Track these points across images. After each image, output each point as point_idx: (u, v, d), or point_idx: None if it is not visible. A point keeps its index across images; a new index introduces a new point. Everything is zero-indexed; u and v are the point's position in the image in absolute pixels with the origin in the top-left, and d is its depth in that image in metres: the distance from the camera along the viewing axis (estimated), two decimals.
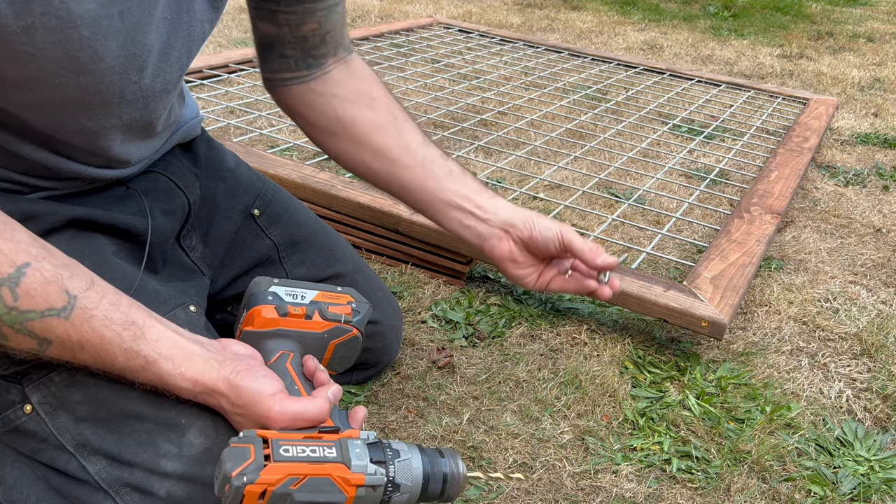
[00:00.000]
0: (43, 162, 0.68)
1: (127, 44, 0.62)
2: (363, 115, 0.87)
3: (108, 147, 0.71)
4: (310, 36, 0.84)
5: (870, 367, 1.20)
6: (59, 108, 0.65)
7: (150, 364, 0.62)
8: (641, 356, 1.17)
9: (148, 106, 0.71)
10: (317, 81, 0.87)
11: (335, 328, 0.77)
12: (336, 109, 0.87)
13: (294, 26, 0.83)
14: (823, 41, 3.83)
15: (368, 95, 0.88)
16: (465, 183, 0.86)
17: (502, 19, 3.77)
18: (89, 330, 0.60)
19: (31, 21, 0.54)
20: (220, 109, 2.03)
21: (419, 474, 0.65)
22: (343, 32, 0.88)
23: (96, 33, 0.59)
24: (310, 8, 0.82)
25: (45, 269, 0.59)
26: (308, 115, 0.89)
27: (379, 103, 0.88)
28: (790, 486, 0.94)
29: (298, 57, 0.85)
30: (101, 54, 0.60)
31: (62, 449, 0.65)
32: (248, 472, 0.56)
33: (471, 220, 0.86)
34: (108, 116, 0.68)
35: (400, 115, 0.88)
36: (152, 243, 0.78)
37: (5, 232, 0.58)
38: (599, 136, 2.10)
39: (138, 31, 0.62)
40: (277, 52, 0.86)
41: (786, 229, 1.67)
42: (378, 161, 0.87)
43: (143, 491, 0.63)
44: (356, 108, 0.87)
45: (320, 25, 0.84)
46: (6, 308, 0.57)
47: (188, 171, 0.87)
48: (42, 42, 0.56)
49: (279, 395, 0.63)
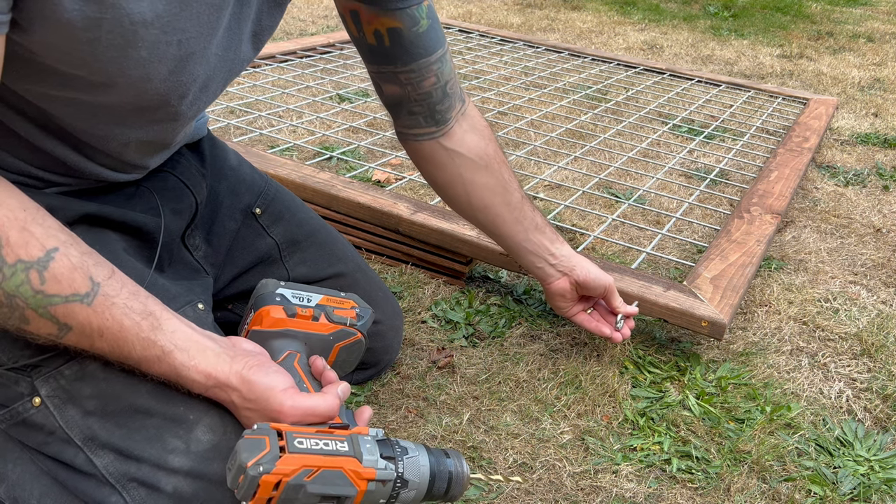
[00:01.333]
0: (63, 158, 0.69)
1: (177, 70, 0.63)
2: (480, 179, 0.99)
3: (123, 153, 0.73)
4: (432, 91, 0.91)
5: (870, 367, 1.20)
6: (93, 113, 0.66)
7: (166, 355, 0.63)
8: (641, 356, 1.17)
9: (175, 129, 0.74)
10: (445, 137, 0.96)
11: (340, 331, 0.78)
12: (459, 167, 0.98)
13: (416, 84, 0.90)
14: (823, 41, 3.83)
15: (485, 153, 0.99)
16: (545, 233, 1.05)
17: (502, 19, 3.77)
18: (110, 317, 0.61)
19: (98, 35, 0.56)
20: (220, 109, 2.03)
21: (426, 472, 0.65)
22: (457, 81, 0.95)
23: (152, 56, 0.60)
24: (424, 63, 0.88)
25: (72, 255, 0.60)
26: (435, 170, 1.00)
27: (492, 163, 0.99)
28: (790, 486, 0.94)
29: (426, 113, 0.93)
30: (152, 76, 0.62)
31: (70, 442, 0.65)
32: (263, 463, 0.57)
33: (542, 263, 1.05)
34: (136, 130, 0.70)
35: (506, 173, 1.01)
36: (162, 241, 0.79)
37: (37, 217, 0.60)
38: (599, 136, 2.10)
39: (190, 61, 0.64)
40: (406, 110, 0.93)
41: (786, 229, 1.67)
42: (482, 214, 1.03)
43: (149, 486, 0.64)
44: (476, 172, 0.99)
45: (438, 79, 0.91)
46: (33, 291, 0.58)
47: (196, 170, 0.88)
48: (102, 55, 0.57)
49: (291, 391, 0.64)
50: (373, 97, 2.29)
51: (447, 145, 0.96)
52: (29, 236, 0.58)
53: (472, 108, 0.99)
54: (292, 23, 3.27)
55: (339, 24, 3.31)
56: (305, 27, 3.23)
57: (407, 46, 0.86)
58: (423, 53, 0.87)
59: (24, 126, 0.66)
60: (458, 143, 0.97)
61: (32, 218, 0.59)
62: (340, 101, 2.24)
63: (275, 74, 2.40)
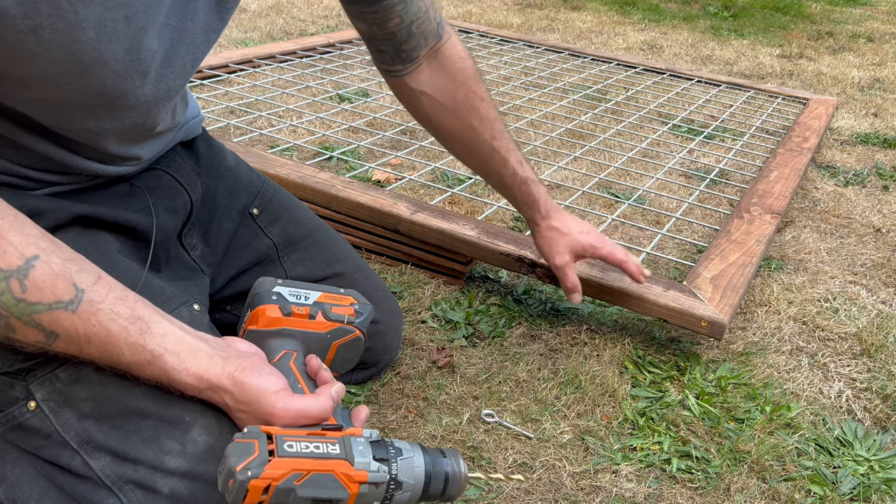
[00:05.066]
0: (48, 154, 0.69)
1: (131, 48, 0.62)
2: (446, 122, 1.01)
3: (106, 146, 0.72)
4: (396, 31, 0.92)
5: (870, 367, 1.20)
6: (62, 108, 0.65)
7: (156, 359, 0.62)
8: (641, 356, 1.17)
9: (150, 111, 0.72)
10: (410, 76, 0.97)
11: (338, 329, 0.77)
12: (424, 106, 1.00)
13: (381, 24, 0.91)
14: (823, 41, 3.83)
15: (452, 96, 0.99)
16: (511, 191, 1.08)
17: (502, 19, 3.77)
18: (96, 323, 0.60)
19: (39, 21, 0.55)
20: (220, 109, 2.03)
21: (421, 473, 0.65)
22: (428, 17, 0.95)
23: (101, 36, 0.59)
24: (387, 5, 0.88)
25: (53, 263, 0.59)
26: (407, 105, 1.03)
27: (459, 107, 1.00)
28: (790, 486, 0.94)
29: (393, 52, 0.94)
30: (106, 57, 0.61)
31: (66, 446, 0.65)
32: (252, 467, 0.57)
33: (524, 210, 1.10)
34: (110, 119, 0.69)
35: (474, 119, 1.01)
36: (156, 241, 0.78)
37: (16, 225, 0.59)
38: (599, 136, 2.10)
39: (143, 36, 0.63)
40: (375, 48, 0.95)
41: (786, 229, 1.67)
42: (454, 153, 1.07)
43: (146, 488, 0.63)
44: (441, 114, 1.00)
45: (402, 19, 0.91)
46: (14, 300, 0.58)
47: (190, 169, 0.87)
48: (48, 42, 0.56)
49: (283, 393, 0.63)
50: (373, 97, 2.29)
51: (412, 85, 0.98)
52: (7, 245, 0.58)
53: (452, 48, 0.99)
54: (292, 23, 3.27)
55: (340, 25, 3.31)
56: (305, 27, 3.23)
57: None
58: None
59: (2, 124, 0.65)
60: (424, 83, 0.98)
61: (10, 226, 0.59)
62: (340, 101, 2.24)
63: (275, 74, 2.40)
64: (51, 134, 0.68)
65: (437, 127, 1.02)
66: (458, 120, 1.00)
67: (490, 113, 1.02)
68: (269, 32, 3.05)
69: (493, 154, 1.04)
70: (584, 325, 1.23)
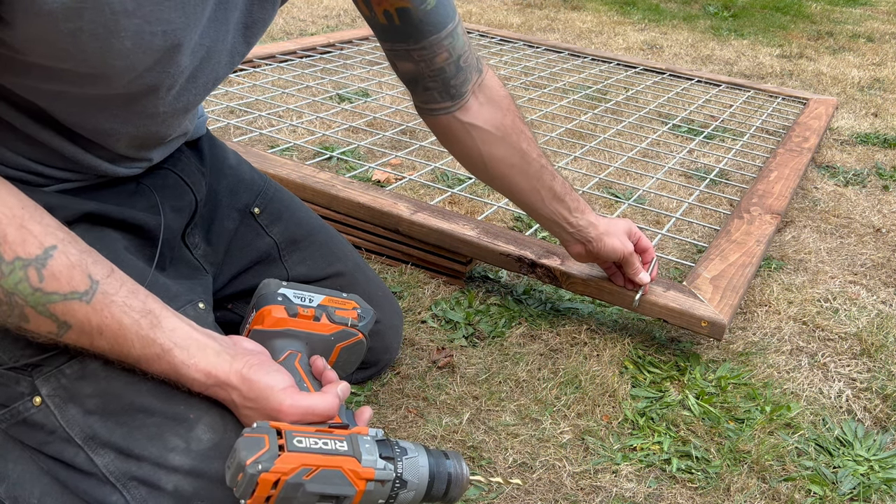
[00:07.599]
0: (60, 150, 0.69)
1: (164, 62, 0.63)
2: (497, 151, 1.01)
3: (116, 147, 0.73)
4: (445, 66, 0.91)
5: (870, 367, 1.20)
6: (81, 106, 0.66)
7: (166, 353, 0.63)
8: (641, 356, 1.17)
9: (166, 122, 0.73)
10: (461, 111, 0.97)
11: (342, 331, 0.78)
12: (475, 140, 1.00)
13: (429, 60, 0.90)
14: (823, 41, 3.83)
15: (501, 125, 1.00)
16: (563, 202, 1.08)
17: (502, 19, 3.77)
18: (109, 315, 0.61)
19: (80, 25, 0.55)
20: (220, 109, 2.03)
21: (425, 473, 0.65)
22: (472, 52, 0.95)
23: (137, 47, 0.60)
24: (435, 40, 0.88)
25: (70, 253, 0.60)
26: (453, 142, 1.01)
27: (509, 134, 1.00)
28: (790, 486, 0.94)
29: (441, 89, 0.94)
30: (138, 67, 0.61)
31: (70, 442, 0.65)
32: (262, 461, 0.57)
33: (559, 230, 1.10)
34: (126, 124, 0.70)
35: (524, 142, 1.02)
36: (163, 240, 0.79)
37: (35, 215, 0.60)
38: (599, 136, 2.10)
39: (177, 52, 0.63)
40: (422, 86, 0.94)
41: (785, 229, 1.67)
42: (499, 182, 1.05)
43: (150, 485, 0.64)
44: (492, 145, 1.00)
45: (450, 54, 0.91)
46: (31, 289, 0.58)
47: (196, 168, 0.87)
48: (85, 45, 0.57)
49: (290, 390, 0.64)
50: (373, 97, 2.29)
51: (463, 119, 0.98)
52: (27, 234, 0.59)
53: (491, 79, 1.00)
54: (292, 23, 3.27)
55: (339, 25, 3.31)
56: (305, 27, 3.23)
57: (416, 24, 0.86)
58: (433, 30, 0.87)
59: (18, 118, 0.66)
60: (474, 116, 0.98)
61: (31, 216, 0.60)
62: (340, 101, 2.24)
63: (275, 74, 2.40)
64: (66, 130, 0.69)
65: (488, 158, 1.01)
66: (510, 147, 1.00)
67: (530, 132, 1.03)
68: (268, 32, 3.05)
69: (542, 171, 1.04)
70: (584, 325, 1.23)
